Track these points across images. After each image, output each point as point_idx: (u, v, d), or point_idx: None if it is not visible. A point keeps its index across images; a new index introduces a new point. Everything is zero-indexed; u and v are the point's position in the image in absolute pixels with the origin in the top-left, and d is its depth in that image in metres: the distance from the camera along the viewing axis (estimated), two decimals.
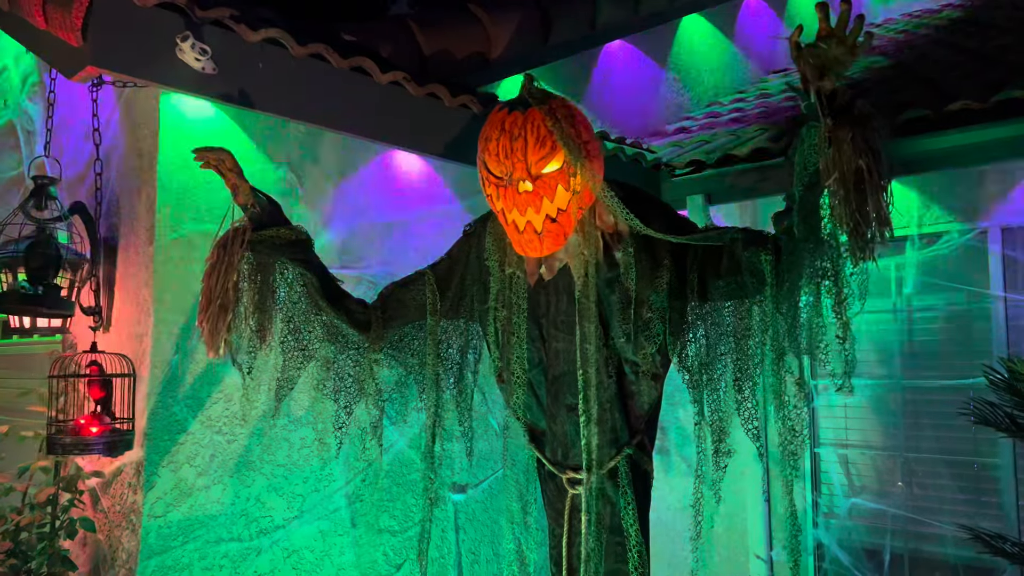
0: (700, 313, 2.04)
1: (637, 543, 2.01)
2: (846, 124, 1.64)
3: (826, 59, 1.65)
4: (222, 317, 2.02)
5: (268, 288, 2.13)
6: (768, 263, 1.82)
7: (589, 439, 1.95)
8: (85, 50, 2.21)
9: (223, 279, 2.01)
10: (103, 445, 2.48)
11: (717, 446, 2.01)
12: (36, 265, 2.60)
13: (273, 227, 2.06)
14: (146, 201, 2.65)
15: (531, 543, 2.24)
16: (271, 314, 2.14)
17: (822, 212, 1.76)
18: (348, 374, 2.25)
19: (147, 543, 2.52)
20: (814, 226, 1.76)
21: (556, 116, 1.88)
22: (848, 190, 1.63)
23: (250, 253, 2.05)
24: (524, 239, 1.94)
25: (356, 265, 3.13)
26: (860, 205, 1.63)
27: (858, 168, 1.62)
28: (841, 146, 1.63)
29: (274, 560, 2.80)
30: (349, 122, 2.86)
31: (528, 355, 2.08)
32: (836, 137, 1.64)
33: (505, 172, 1.89)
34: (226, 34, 2.46)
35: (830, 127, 1.65)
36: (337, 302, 2.18)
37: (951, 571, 3.67)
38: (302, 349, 2.20)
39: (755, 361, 1.96)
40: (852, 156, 1.62)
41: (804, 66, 1.67)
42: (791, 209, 1.80)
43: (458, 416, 2.31)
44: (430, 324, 2.21)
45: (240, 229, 2.04)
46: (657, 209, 2.02)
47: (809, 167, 1.74)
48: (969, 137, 3.21)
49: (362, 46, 2.93)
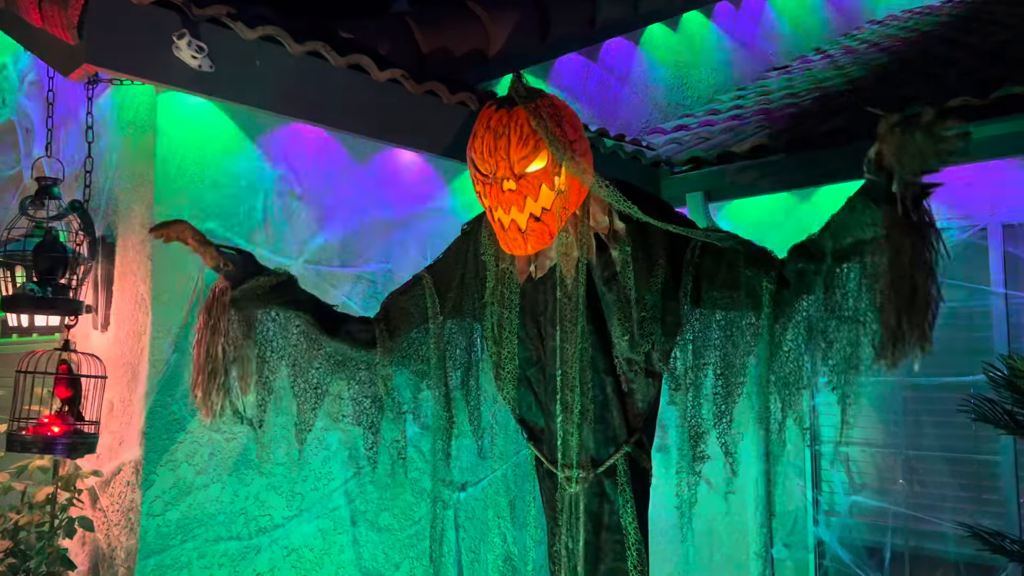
0: (690, 318, 2.03)
1: (636, 541, 2.00)
2: (907, 228, 1.57)
3: (912, 149, 1.55)
4: (213, 382, 2.01)
5: (262, 339, 2.11)
6: (769, 291, 1.82)
7: (566, 438, 1.96)
8: (81, 48, 2.21)
9: (209, 344, 2.00)
10: (63, 446, 2.46)
11: (693, 451, 2.02)
12: (45, 266, 2.60)
13: (251, 279, 2.03)
14: (143, 199, 2.64)
15: (529, 541, 2.24)
16: (272, 363, 2.14)
17: (847, 289, 1.75)
18: (365, 396, 2.25)
19: (146, 542, 2.51)
20: (837, 302, 1.76)
21: (540, 115, 1.87)
22: (900, 299, 1.59)
23: (234, 312, 2.03)
24: (508, 237, 1.94)
25: (355, 263, 3.12)
26: (909, 316, 1.58)
27: (915, 284, 1.58)
28: (900, 253, 1.58)
29: (273, 559, 2.80)
30: (347, 120, 2.85)
31: (526, 353, 2.08)
32: (895, 240, 1.58)
33: (490, 170, 1.89)
34: (223, 32, 2.45)
35: (888, 220, 1.59)
36: (337, 331, 2.16)
37: (952, 569, 3.67)
38: (313, 388, 2.18)
39: (738, 379, 1.97)
40: (908, 269, 1.58)
41: (887, 146, 1.58)
42: (809, 253, 1.78)
43: (468, 415, 2.30)
44: (433, 327, 2.20)
45: (219, 290, 2.02)
46: (654, 206, 2.01)
47: (847, 236, 1.70)
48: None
49: (360, 44, 2.92)
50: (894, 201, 1.58)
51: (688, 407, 2.03)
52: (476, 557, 3.43)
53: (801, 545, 4.00)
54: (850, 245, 1.71)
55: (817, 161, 3.63)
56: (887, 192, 1.59)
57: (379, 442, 2.28)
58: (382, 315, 2.23)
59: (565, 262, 1.99)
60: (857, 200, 1.67)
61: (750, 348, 1.93)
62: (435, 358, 2.21)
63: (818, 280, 1.78)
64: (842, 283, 1.77)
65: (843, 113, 3.76)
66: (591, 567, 1.99)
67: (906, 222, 1.58)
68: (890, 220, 1.59)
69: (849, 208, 1.69)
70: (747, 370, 1.95)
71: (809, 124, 3.79)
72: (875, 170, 1.62)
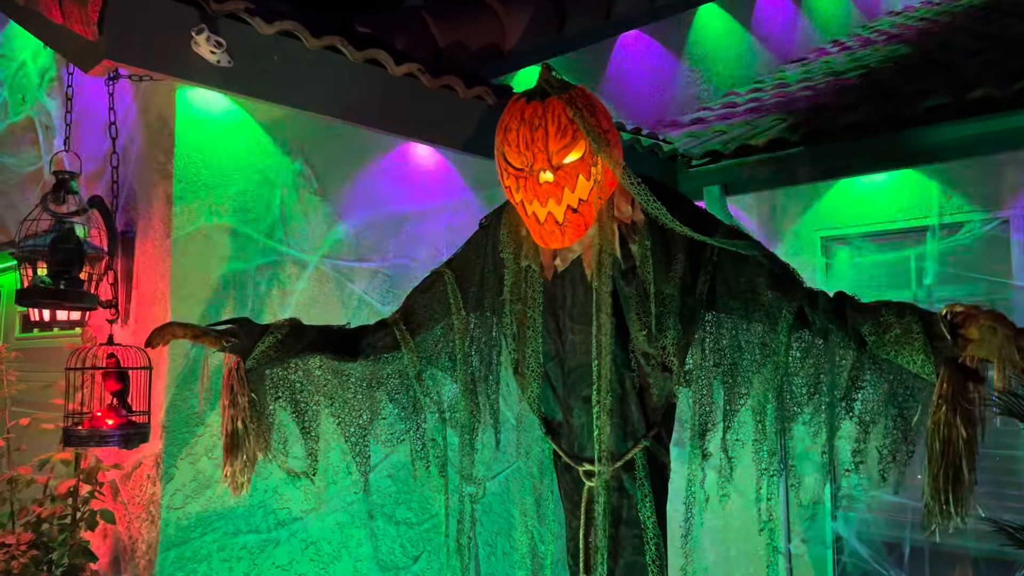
0: (704, 318, 2.03)
1: (654, 535, 2.00)
2: (962, 409, 1.62)
3: (1000, 352, 1.59)
4: (237, 459, 2.01)
5: (290, 394, 2.12)
6: (787, 321, 1.85)
7: (602, 430, 1.94)
8: (101, 44, 2.22)
9: (229, 421, 2.00)
10: (119, 438, 2.50)
11: (701, 448, 2.03)
12: (59, 259, 2.62)
13: (257, 345, 2.02)
14: (163, 194, 2.66)
15: (547, 536, 2.24)
16: (311, 412, 2.15)
17: (867, 387, 1.84)
18: (404, 404, 2.25)
19: (166, 534, 2.54)
20: (851, 400, 1.84)
21: (577, 105, 1.87)
22: (947, 480, 1.63)
23: (255, 378, 2.03)
24: (545, 230, 1.93)
25: (371, 257, 3.13)
26: (955, 493, 1.63)
27: (962, 465, 1.62)
28: (953, 434, 1.63)
29: (292, 552, 2.81)
30: (364, 114, 2.85)
31: (544, 348, 2.07)
32: (948, 422, 1.62)
33: (525, 163, 1.88)
34: (241, 27, 2.46)
35: (944, 392, 1.63)
36: (357, 350, 2.16)
37: (972, 564, 3.64)
38: (356, 420, 2.19)
39: (743, 388, 2.00)
40: (960, 452, 1.62)
41: (978, 329, 1.61)
42: (845, 323, 1.80)
43: (489, 408, 2.30)
44: (456, 322, 2.19)
45: (232, 369, 2.01)
46: (675, 201, 1.99)
47: (892, 352, 1.73)
48: (990, 125, 3.17)
49: (376, 38, 2.92)
50: (955, 369, 1.63)
51: (695, 404, 2.03)
52: (493, 551, 3.43)
53: (819, 540, 3.98)
54: (889, 360, 1.76)
55: (835, 154, 3.60)
56: (949, 357, 1.64)
57: (427, 444, 2.28)
58: (400, 315, 2.22)
59: (589, 255, 1.98)
60: (918, 337, 1.69)
61: (758, 362, 1.96)
62: (460, 353, 2.21)
63: (844, 353, 1.83)
64: (863, 386, 1.85)
65: (861, 106, 3.73)
66: (610, 561, 1.99)
67: (964, 403, 1.62)
68: (947, 392, 1.63)
69: (906, 333, 1.71)
70: (752, 382, 1.98)
71: (827, 117, 3.76)
72: (948, 327, 1.64)
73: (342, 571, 2.94)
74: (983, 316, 1.60)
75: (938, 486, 1.63)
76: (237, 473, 2.01)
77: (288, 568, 2.80)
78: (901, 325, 1.71)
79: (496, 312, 2.19)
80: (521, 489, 3.48)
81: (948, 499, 1.62)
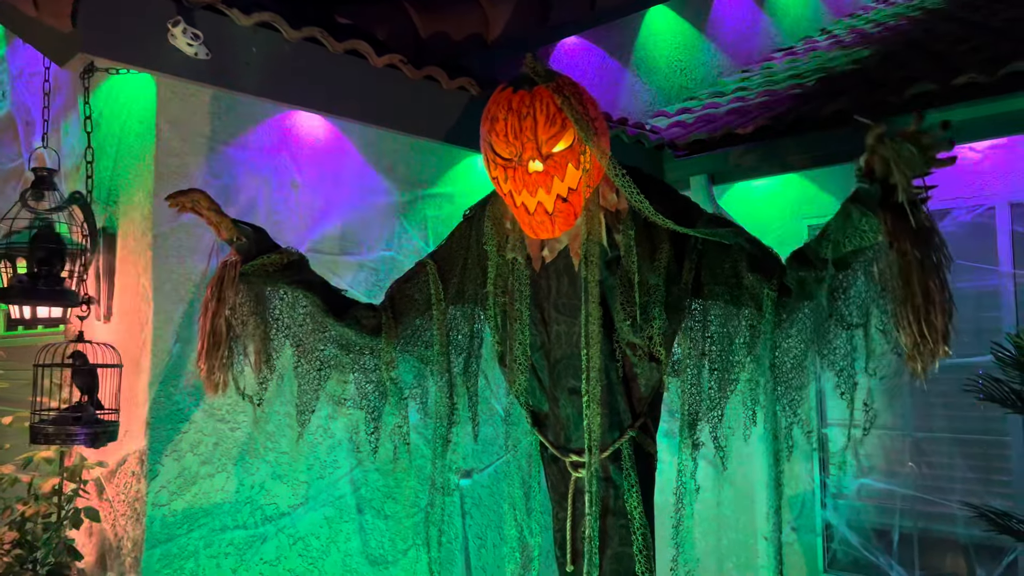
0: (691, 306, 2.02)
1: (641, 525, 1.99)
2: (912, 237, 1.58)
3: (903, 159, 1.56)
4: (216, 355, 2.01)
5: (268, 316, 2.11)
6: (771, 299, 1.83)
7: (591, 420, 1.93)
8: (76, 37, 2.19)
9: (214, 316, 1.99)
10: (85, 436, 2.47)
11: (691, 438, 2.02)
12: (41, 256, 2.59)
13: (262, 255, 2.02)
14: (143, 189, 2.63)
15: (535, 527, 2.23)
16: (277, 341, 2.13)
17: (851, 296, 1.78)
18: (369, 381, 2.24)
19: (152, 532, 2.52)
20: (841, 310, 1.78)
21: (564, 93, 1.85)
22: (917, 309, 1.60)
23: (243, 286, 2.02)
24: (535, 221, 1.91)
25: (357, 251, 3.11)
26: (928, 324, 1.59)
27: (929, 292, 1.59)
28: (910, 263, 1.59)
29: (280, 547, 2.80)
30: (346, 106, 2.83)
31: (530, 339, 2.06)
32: (902, 249, 1.59)
33: (514, 153, 1.86)
34: (218, 18, 2.43)
35: (889, 228, 1.59)
36: (344, 314, 2.15)
37: (961, 550, 3.65)
38: (317, 370, 2.18)
39: (732, 374, 1.98)
40: (922, 278, 1.58)
41: (876, 157, 1.59)
42: (808, 262, 1.78)
43: (468, 400, 2.29)
44: (436, 314, 2.18)
45: (229, 264, 2.01)
46: (660, 191, 1.99)
47: (847, 244, 1.70)
48: (976, 111, 3.16)
49: (357, 29, 2.90)
50: (891, 209, 1.58)
51: (684, 394, 2.02)
52: (483, 543, 3.43)
53: (809, 528, 3.99)
54: (851, 253, 1.72)
55: (821, 143, 3.59)
56: (882, 200, 1.60)
57: (380, 427, 2.28)
58: (387, 303, 2.22)
59: (576, 244, 1.96)
60: (852, 208, 1.66)
61: (747, 346, 1.94)
62: (438, 344, 2.20)
63: (820, 288, 1.79)
64: (845, 291, 1.79)
65: (847, 94, 3.72)
66: (597, 551, 1.98)
67: (910, 230, 1.58)
68: (892, 229, 1.59)
69: (845, 216, 1.68)
70: (742, 368, 1.96)
71: (813, 106, 3.75)
72: (866, 179, 1.62)
73: (331, 566, 2.93)
74: (877, 146, 1.57)
75: (910, 320, 1.59)
76: (215, 369, 2.01)
77: (276, 564, 2.78)
78: (838, 216, 1.70)
79: (480, 304, 2.18)
80: (510, 482, 3.47)
81: (923, 331, 1.58)
